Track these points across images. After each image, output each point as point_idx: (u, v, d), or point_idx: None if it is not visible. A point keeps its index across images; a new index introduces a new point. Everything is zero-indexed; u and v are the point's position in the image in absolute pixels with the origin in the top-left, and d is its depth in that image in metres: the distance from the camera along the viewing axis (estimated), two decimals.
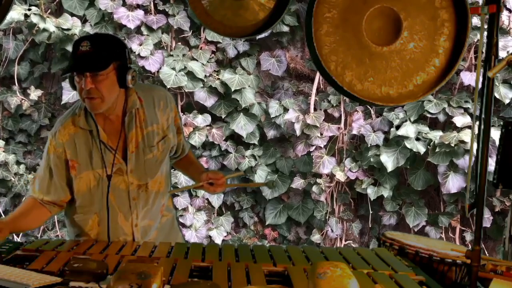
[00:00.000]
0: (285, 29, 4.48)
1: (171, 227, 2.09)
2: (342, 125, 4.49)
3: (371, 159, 4.30)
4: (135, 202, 1.92)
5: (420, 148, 4.13)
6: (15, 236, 4.55)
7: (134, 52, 4.44)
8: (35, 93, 4.70)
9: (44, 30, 4.45)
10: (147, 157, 1.91)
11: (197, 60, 4.52)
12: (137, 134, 1.89)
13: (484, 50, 1.62)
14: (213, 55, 4.61)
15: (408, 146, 4.14)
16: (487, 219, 4.11)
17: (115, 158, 1.86)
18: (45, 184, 1.90)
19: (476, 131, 1.63)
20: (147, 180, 1.92)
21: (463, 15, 1.72)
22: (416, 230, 4.32)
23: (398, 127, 4.21)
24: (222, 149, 4.57)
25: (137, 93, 1.91)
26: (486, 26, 1.62)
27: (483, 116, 1.60)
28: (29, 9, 4.47)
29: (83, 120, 1.87)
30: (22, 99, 4.71)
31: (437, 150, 4.07)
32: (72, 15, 4.57)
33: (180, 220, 4.48)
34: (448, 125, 4.23)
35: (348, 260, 1.70)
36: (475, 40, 4.08)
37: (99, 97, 1.77)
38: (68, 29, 4.51)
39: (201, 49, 4.59)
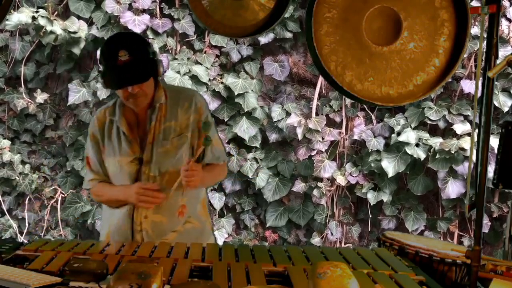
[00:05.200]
0: (288, 35, 4.50)
1: (199, 237, 2.05)
2: (343, 130, 4.50)
3: (372, 164, 4.31)
4: None
5: (420, 154, 4.14)
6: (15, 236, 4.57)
7: None
8: (41, 96, 4.73)
9: (51, 32, 4.49)
10: (161, 150, 1.97)
11: (201, 64, 4.55)
12: (155, 127, 1.97)
13: (483, 58, 1.62)
14: (217, 59, 4.63)
15: (409, 152, 4.14)
16: (485, 225, 4.10)
17: (133, 147, 1.97)
18: (98, 164, 2.05)
19: (476, 138, 1.62)
20: (160, 173, 1.97)
21: (463, 15, 1.72)
22: (415, 234, 4.31)
23: (399, 133, 4.22)
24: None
25: (165, 90, 2.01)
26: (485, 34, 1.62)
27: (483, 121, 1.59)
28: (37, 12, 4.51)
29: (111, 110, 2.01)
30: (28, 101, 4.74)
31: (437, 156, 4.08)
32: (79, 17, 4.61)
33: None
34: (448, 132, 4.24)
35: (348, 260, 1.69)
36: (475, 49, 4.10)
37: (144, 95, 1.92)
38: (74, 32, 4.55)
39: (205, 53, 4.62)
